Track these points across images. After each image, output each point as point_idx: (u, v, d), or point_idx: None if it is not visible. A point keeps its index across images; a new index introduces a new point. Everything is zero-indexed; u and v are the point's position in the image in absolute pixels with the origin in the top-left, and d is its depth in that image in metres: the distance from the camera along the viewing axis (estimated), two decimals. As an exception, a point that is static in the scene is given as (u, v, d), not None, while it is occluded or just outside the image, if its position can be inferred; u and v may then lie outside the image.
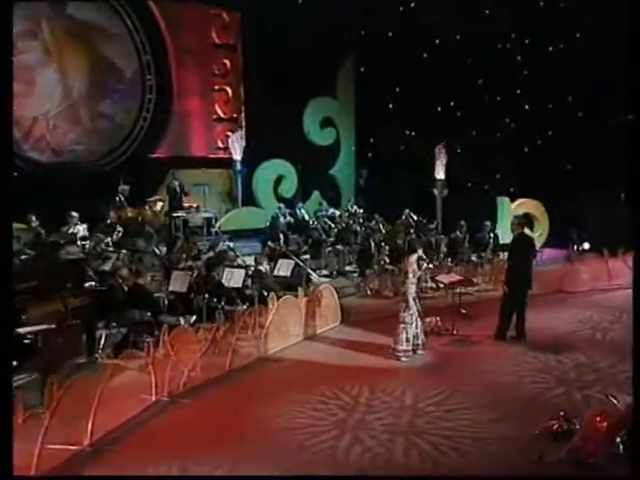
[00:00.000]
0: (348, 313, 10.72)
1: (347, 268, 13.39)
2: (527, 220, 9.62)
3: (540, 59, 16.16)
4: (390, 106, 17.18)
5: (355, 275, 13.00)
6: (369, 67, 17.45)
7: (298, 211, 15.42)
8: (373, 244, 13.06)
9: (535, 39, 15.82)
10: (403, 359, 8.29)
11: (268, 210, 15.99)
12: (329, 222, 14.58)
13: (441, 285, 10.74)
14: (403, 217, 14.79)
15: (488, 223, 14.06)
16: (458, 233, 14.01)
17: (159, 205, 14.49)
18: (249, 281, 9.98)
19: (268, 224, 14.13)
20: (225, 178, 17.50)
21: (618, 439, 5.04)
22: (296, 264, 10.78)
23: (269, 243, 13.14)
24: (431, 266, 10.85)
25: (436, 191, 16.71)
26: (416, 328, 8.79)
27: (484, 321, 9.54)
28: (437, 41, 16.76)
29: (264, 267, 10.20)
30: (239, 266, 10.27)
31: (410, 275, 8.70)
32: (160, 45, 16.41)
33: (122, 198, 14.06)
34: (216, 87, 17.59)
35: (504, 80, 16.36)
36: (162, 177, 15.78)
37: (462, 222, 13.99)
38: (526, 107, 16.87)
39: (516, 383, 7.30)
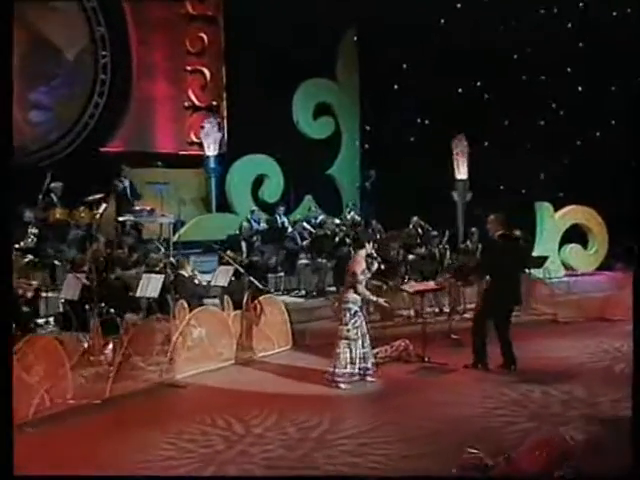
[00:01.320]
0: (304, 336, 10.51)
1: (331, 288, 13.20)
2: (505, 219, 9.18)
3: (602, 24, 15.56)
4: (396, 87, 16.89)
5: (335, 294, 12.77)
6: (375, 40, 17.25)
7: (278, 217, 15.15)
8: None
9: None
10: (343, 386, 8.16)
11: (243, 217, 15.82)
12: (310, 229, 14.31)
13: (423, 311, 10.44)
14: (411, 226, 14.49)
15: (517, 233, 13.60)
16: (468, 243, 13.63)
17: (102, 207, 14.49)
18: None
19: (236, 232, 13.94)
20: (202, 179, 17.48)
21: (558, 473, 4.90)
22: (241, 273, 10.49)
23: (227, 252, 12.98)
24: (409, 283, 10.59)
25: (456, 194, 16.33)
26: (363, 347, 8.50)
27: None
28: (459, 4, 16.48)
29: (187, 272, 9.95)
30: (159, 272, 10.08)
31: (360, 277, 8.40)
32: (118, 15, 16.58)
33: (54, 198, 14.13)
34: (189, 68, 17.67)
35: (549, 52, 15.84)
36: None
37: (473, 229, 13.64)
38: (579, 89, 16.32)
39: (475, 416, 7.17)
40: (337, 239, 14.08)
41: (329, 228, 14.39)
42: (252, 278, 10.29)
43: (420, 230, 14.34)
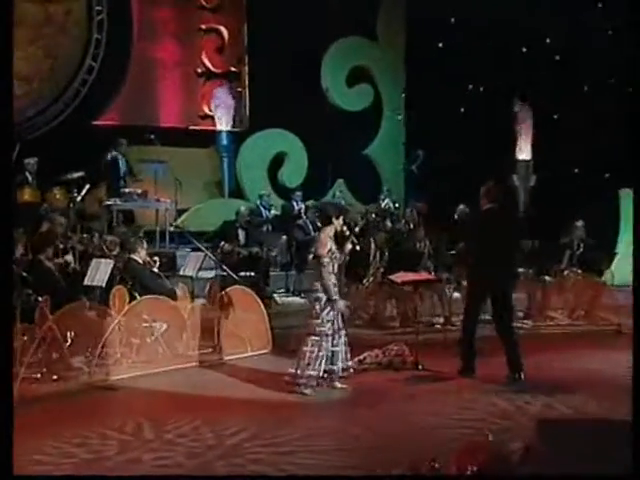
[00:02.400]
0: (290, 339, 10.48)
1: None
2: (502, 189, 9.06)
3: None
4: (448, 47, 16.70)
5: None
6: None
7: (295, 204, 15.23)
8: (374, 247, 12.74)
9: None
10: (307, 391, 8.15)
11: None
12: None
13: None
14: (455, 216, 14.35)
15: (580, 223, 13.29)
16: None
17: (85, 188, 14.78)
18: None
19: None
20: (216, 159, 17.70)
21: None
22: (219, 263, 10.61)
23: (222, 243, 13.15)
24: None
25: (517, 178, 16.06)
26: (334, 345, 8.39)
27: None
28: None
29: (140, 257, 10.07)
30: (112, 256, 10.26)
31: (324, 259, 8.23)
32: (115, -39, 16.92)
33: (28, 176, 14.53)
34: (203, 26, 17.90)
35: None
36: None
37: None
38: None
39: (440, 427, 7.24)
40: (357, 229, 14.02)
41: (350, 217, 14.34)
42: (224, 266, 10.30)
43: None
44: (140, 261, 10.08)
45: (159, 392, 8.58)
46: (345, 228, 8.58)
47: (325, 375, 8.35)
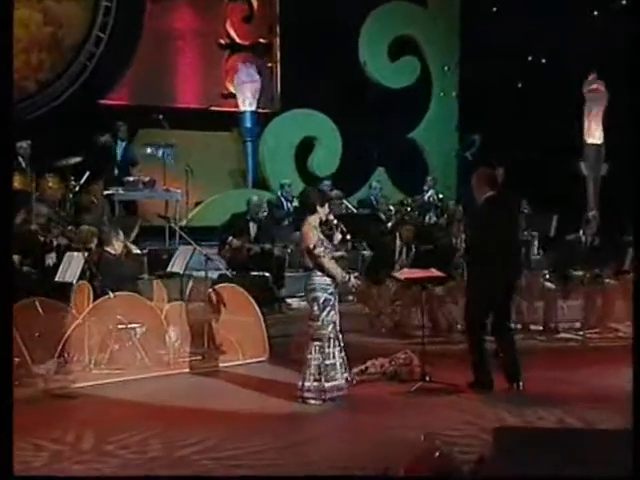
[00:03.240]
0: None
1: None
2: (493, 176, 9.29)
3: None
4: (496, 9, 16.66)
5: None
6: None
7: (334, 193, 15.34)
8: (399, 243, 12.85)
9: None
10: (312, 402, 8.51)
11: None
12: (352, 209, 14.63)
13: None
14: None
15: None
16: (581, 233, 13.38)
17: (85, 176, 15.13)
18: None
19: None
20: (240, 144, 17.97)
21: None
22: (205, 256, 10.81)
23: (230, 239, 13.32)
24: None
25: (585, 166, 15.96)
26: (337, 352, 8.67)
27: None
28: None
29: (115, 249, 10.33)
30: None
31: (318, 249, 8.47)
32: None
33: (21, 161, 14.93)
34: (229, -10, 18.11)
35: None
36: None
37: (591, 214, 13.63)
38: None
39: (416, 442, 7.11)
40: (390, 224, 14.17)
41: (381, 209, 14.49)
42: (208, 255, 10.53)
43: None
44: (115, 254, 10.28)
45: (120, 401, 8.83)
46: (332, 217, 8.79)
47: (332, 383, 8.59)
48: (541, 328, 12.66)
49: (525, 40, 16.72)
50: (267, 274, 13.06)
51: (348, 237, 8.99)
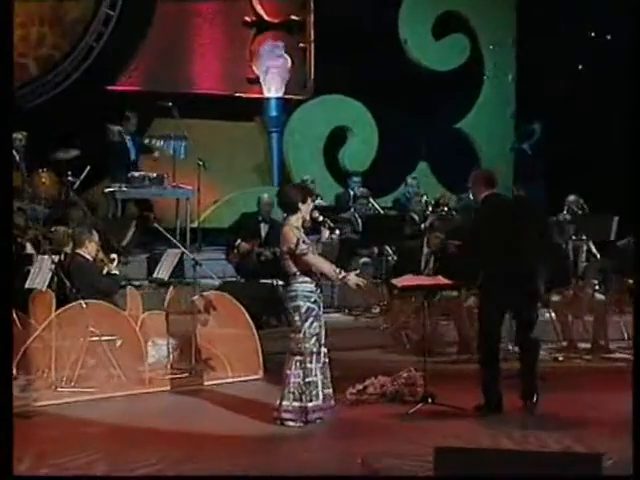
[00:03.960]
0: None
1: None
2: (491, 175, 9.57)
3: None
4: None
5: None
6: None
7: (351, 192, 15.55)
8: (427, 250, 12.94)
9: None
10: (292, 423, 8.73)
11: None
12: (379, 209, 14.83)
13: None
14: (565, 210, 14.63)
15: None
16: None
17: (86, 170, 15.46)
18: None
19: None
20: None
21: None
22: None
23: (238, 242, 13.54)
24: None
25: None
26: (319, 368, 8.88)
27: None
28: None
29: (88, 252, 10.60)
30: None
31: (302, 246, 8.66)
32: None
33: (15, 154, 15.32)
34: (254, -40, 18.28)
35: None
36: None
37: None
38: None
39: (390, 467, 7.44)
40: (424, 225, 14.26)
41: (415, 210, 14.59)
42: (196, 260, 10.74)
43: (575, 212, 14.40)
44: (88, 257, 10.55)
45: (78, 421, 9.11)
46: (317, 213, 8.99)
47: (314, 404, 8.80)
48: (590, 346, 12.59)
49: (592, 15, 16.60)
50: (276, 282, 13.20)
51: (337, 232, 9.23)
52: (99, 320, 10.00)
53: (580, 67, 16.79)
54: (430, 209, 15.08)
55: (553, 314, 12.72)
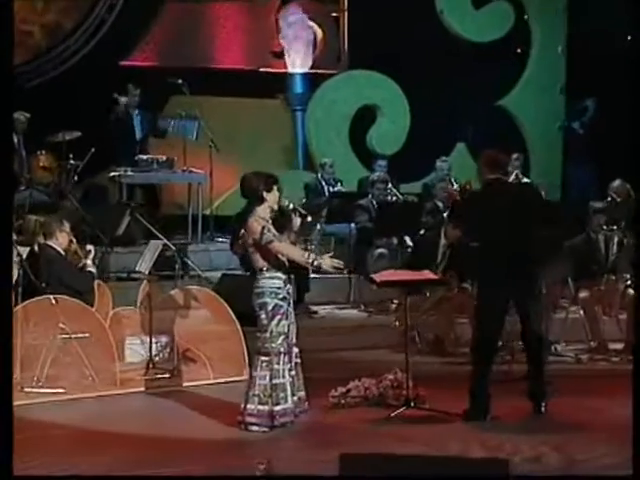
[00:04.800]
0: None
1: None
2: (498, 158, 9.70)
3: None
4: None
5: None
6: None
7: (377, 176, 15.66)
8: (444, 242, 13.07)
9: None
10: (255, 428, 9.01)
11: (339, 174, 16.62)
12: (397, 195, 15.00)
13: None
14: (609, 197, 14.61)
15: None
16: None
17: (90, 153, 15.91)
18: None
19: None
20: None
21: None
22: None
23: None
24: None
25: None
26: (287, 369, 9.17)
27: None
28: None
29: (59, 244, 11.00)
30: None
31: (267, 235, 9.04)
32: None
33: (14, 138, 15.84)
34: None
35: None
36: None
37: None
38: None
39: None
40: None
41: (440, 196, 14.78)
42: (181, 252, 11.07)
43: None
44: (59, 249, 10.95)
45: (38, 423, 9.52)
46: (287, 201, 9.39)
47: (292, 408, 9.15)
48: (621, 347, 12.70)
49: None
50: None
51: (309, 218, 9.49)
52: (68, 317, 10.37)
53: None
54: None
55: (582, 311, 12.88)
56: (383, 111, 18.09)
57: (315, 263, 9.19)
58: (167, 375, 10.92)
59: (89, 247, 11.43)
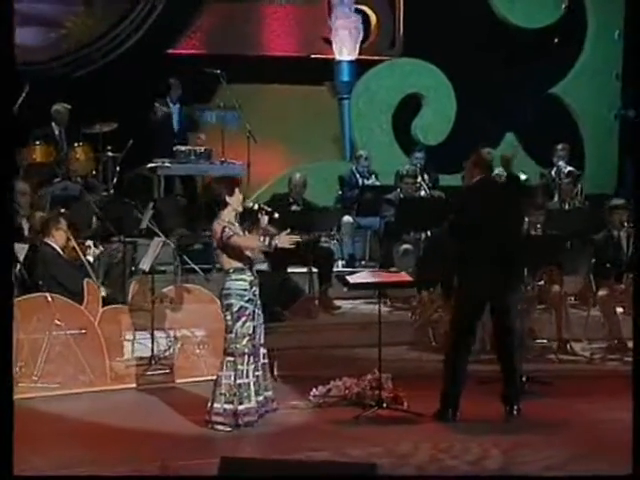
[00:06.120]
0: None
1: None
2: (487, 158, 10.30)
3: None
4: None
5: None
6: None
7: (405, 170, 16.09)
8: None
9: None
10: (220, 427, 9.62)
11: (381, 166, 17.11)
12: (425, 187, 15.45)
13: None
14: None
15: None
16: None
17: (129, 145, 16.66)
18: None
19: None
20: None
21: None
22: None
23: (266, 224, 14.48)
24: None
25: None
26: (257, 368, 9.80)
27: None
28: None
29: (56, 242, 11.72)
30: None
31: (226, 234, 9.56)
32: None
33: (55, 129, 16.70)
34: None
35: None
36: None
37: None
38: None
39: None
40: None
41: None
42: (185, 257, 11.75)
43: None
44: (56, 247, 11.70)
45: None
46: (251, 203, 10.15)
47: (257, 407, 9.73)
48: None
49: None
50: (310, 269, 14.24)
51: (276, 215, 9.96)
52: (62, 314, 11.13)
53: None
54: None
55: (600, 310, 13.32)
56: (428, 100, 18.47)
57: (273, 244, 9.69)
58: (167, 371, 11.66)
59: (88, 242, 12.09)
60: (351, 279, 10.97)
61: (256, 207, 9.97)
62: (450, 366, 10.03)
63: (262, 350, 9.85)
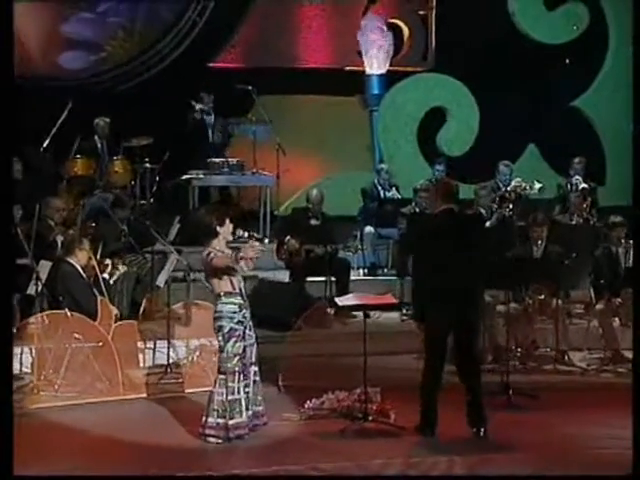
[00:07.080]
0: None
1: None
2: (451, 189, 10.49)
3: None
4: None
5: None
6: None
7: (420, 184, 16.25)
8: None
9: None
10: (212, 440, 10.04)
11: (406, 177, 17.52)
12: None
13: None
14: None
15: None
16: None
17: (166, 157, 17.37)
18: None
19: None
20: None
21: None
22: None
23: (287, 238, 15.06)
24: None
25: None
26: (247, 385, 10.28)
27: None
28: None
29: (78, 261, 12.36)
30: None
31: (209, 258, 10.03)
32: None
33: (97, 142, 17.45)
34: None
35: None
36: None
37: None
38: None
39: None
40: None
41: (482, 204, 15.70)
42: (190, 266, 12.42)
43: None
44: (77, 266, 12.29)
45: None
46: (242, 231, 10.37)
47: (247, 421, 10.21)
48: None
49: None
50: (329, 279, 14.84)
51: (266, 241, 10.63)
52: (79, 329, 11.78)
53: None
54: (496, 204, 15.69)
55: (597, 322, 13.65)
56: (452, 113, 18.92)
57: (238, 256, 9.97)
58: (181, 380, 12.25)
59: (107, 261, 12.77)
60: (339, 301, 11.39)
61: (246, 235, 10.31)
62: (426, 383, 10.33)
63: (253, 368, 10.26)
